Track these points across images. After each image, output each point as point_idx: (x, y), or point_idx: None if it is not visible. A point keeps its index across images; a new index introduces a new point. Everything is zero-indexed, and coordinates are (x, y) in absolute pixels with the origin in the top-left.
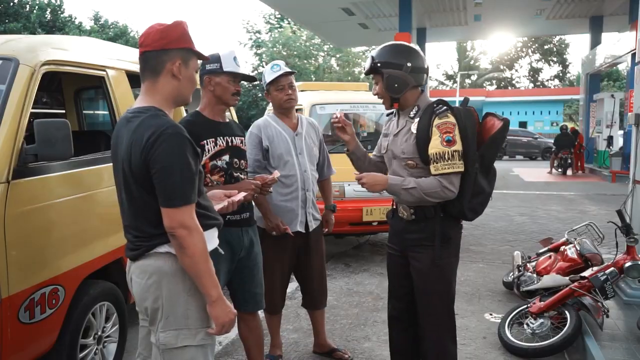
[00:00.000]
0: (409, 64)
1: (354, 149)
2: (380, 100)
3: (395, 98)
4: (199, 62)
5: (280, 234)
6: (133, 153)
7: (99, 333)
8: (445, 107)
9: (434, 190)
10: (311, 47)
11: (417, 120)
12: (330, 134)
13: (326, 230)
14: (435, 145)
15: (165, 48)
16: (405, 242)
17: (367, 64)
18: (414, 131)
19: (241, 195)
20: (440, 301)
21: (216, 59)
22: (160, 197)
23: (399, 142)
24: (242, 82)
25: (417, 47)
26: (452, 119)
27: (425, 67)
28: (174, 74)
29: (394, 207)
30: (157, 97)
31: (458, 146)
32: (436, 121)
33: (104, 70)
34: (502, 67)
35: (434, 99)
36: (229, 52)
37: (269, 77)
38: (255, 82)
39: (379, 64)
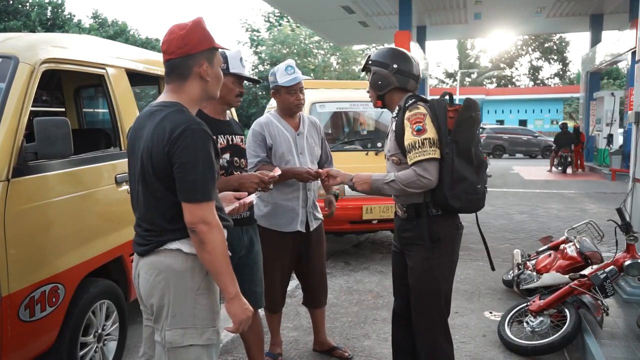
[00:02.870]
0: (395, 66)
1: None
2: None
3: (379, 95)
4: None
5: (316, 177)
6: (155, 146)
7: (99, 331)
8: (414, 100)
9: (411, 180)
10: (310, 45)
11: (397, 119)
12: (330, 132)
13: (327, 213)
14: (408, 137)
15: (190, 54)
16: (401, 240)
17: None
18: (393, 129)
19: (252, 197)
20: (431, 300)
21: (223, 58)
22: (182, 192)
23: (387, 142)
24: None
25: (410, 55)
26: (422, 109)
27: (414, 73)
28: (202, 76)
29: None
30: (184, 96)
31: (429, 134)
32: (407, 114)
33: (104, 69)
34: (502, 65)
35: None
36: (235, 52)
37: (282, 79)
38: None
39: (370, 62)
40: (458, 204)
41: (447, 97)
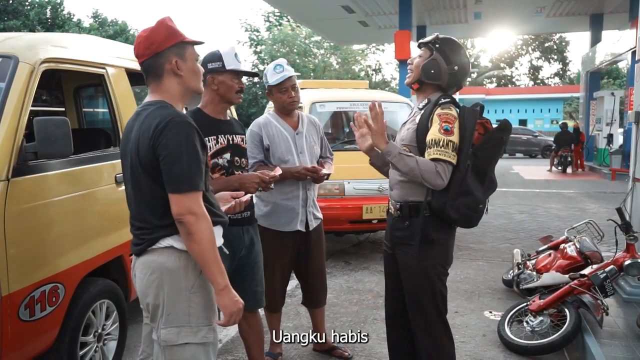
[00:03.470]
0: (455, 67)
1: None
2: (383, 97)
3: (421, 81)
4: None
5: (315, 172)
6: (141, 142)
7: (99, 331)
8: (449, 100)
9: (430, 170)
10: (310, 45)
11: (422, 111)
12: (330, 131)
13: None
14: (433, 132)
15: (157, 52)
16: (393, 239)
17: (429, 37)
18: (417, 121)
19: (248, 197)
20: (428, 300)
21: (218, 57)
22: (168, 183)
23: (402, 130)
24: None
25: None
26: (454, 112)
27: (461, 84)
28: (175, 72)
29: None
30: (165, 94)
31: (454, 138)
32: (438, 110)
33: (104, 68)
34: (502, 65)
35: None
36: (229, 48)
37: (271, 78)
38: (256, 80)
39: (437, 45)
40: (455, 215)
41: (478, 108)
